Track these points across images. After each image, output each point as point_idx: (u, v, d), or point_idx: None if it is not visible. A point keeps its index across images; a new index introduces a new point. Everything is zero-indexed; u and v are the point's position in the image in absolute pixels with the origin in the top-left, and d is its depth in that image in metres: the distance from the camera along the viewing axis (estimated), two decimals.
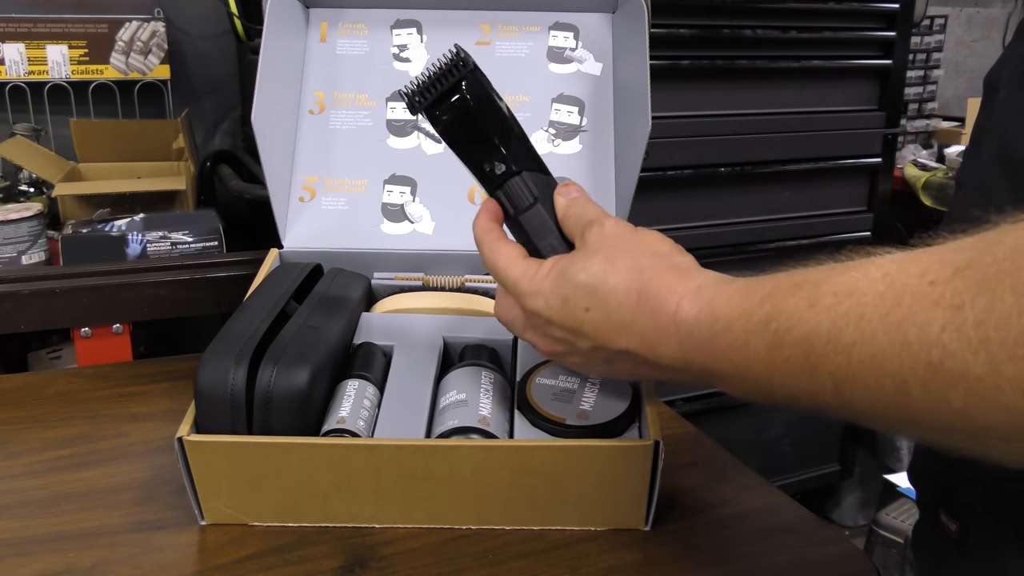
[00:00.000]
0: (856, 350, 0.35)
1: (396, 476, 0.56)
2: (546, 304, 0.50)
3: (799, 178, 1.80)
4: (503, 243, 0.54)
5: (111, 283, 0.99)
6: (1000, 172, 0.48)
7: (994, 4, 2.89)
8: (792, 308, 0.38)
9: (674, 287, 0.45)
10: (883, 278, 0.35)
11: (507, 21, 0.83)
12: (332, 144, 0.81)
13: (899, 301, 0.34)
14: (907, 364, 0.33)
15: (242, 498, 0.57)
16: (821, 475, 2.03)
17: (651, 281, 0.46)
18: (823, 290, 0.37)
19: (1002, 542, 0.48)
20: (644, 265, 0.47)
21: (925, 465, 0.57)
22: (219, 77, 1.79)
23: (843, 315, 0.36)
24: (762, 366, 0.40)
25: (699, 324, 0.43)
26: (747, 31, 1.67)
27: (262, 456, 0.55)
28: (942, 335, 0.32)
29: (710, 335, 0.43)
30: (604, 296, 0.47)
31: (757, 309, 0.40)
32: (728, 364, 0.42)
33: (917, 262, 0.34)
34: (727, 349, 0.42)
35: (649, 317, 0.46)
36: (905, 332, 0.33)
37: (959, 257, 0.33)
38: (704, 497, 0.63)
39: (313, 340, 0.59)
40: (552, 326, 0.50)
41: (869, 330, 0.34)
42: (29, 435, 0.70)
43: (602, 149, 0.80)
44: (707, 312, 0.43)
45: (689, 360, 0.44)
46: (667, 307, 0.45)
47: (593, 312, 0.48)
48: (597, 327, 0.48)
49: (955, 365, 0.31)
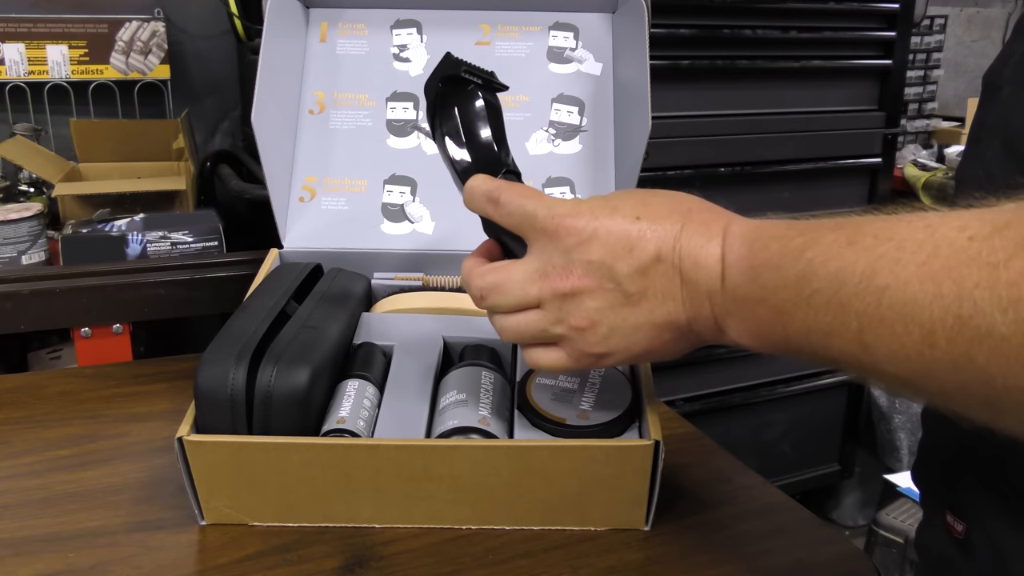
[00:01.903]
0: (888, 293, 0.35)
1: (396, 476, 0.56)
2: (592, 216, 0.47)
3: (799, 178, 1.80)
4: (480, 262, 0.52)
5: (111, 283, 0.99)
6: (1005, 169, 0.48)
7: (994, 4, 2.90)
8: (830, 242, 0.39)
9: (722, 213, 0.46)
10: (924, 228, 0.35)
11: (507, 21, 0.83)
12: (332, 144, 0.81)
13: (936, 252, 0.34)
14: (937, 315, 0.33)
15: (242, 498, 0.57)
16: (821, 475, 2.03)
17: (695, 206, 0.47)
18: (864, 231, 0.38)
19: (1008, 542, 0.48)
20: (681, 196, 0.47)
21: (931, 465, 0.57)
22: (219, 77, 1.79)
23: (880, 257, 0.36)
24: (789, 294, 0.40)
25: (742, 239, 0.44)
26: (747, 31, 1.67)
27: (262, 456, 0.55)
28: (975, 291, 0.32)
29: (749, 252, 0.43)
30: (656, 207, 0.47)
31: (797, 236, 0.41)
32: (757, 287, 0.42)
33: (959, 218, 0.35)
34: (760, 268, 0.42)
35: (699, 225, 0.45)
36: (939, 283, 0.33)
37: (999, 218, 0.33)
38: (704, 497, 0.63)
39: (313, 340, 0.59)
40: (593, 244, 0.46)
41: (904, 276, 0.35)
42: (29, 435, 0.70)
43: (602, 149, 0.80)
44: (751, 229, 0.44)
45: (726, 276, 0.44)
46: (718, 222, 0.45)
47: (644, 221, 0.46)
48: (643, 234, 0.46)
49: (983, 322, 0.32)
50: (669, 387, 1.74)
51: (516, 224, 0.50)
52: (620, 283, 0.46)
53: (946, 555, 0.53)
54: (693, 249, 0.45)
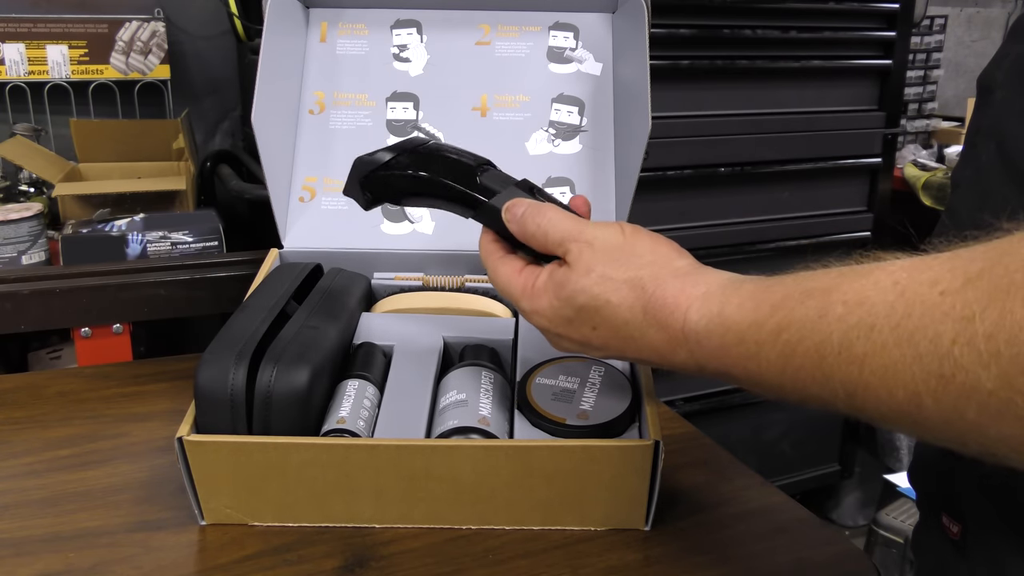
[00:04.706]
0: (868, 361, 0.35)
1: (396, 476, 0.56)
2: (550, 323, 0.50)
3: (799, 178, 1.80)
4: (502, 260, 0.54)
5: (111, 283, 0.99)
6: (1000, 174, 0.48)
7: (994, 4, 2.89)
8: (802, 318, 0.38)
9: (678, 297, 0.45)
10: (893, 287, 0.35)
11: (507, 21, 0.83)
12: (332, 144, 0.81)
13: (910, 312, 0.33)
14: (919, 376, 0.33)
15: (242, 498, 0.57)
16: (821, 475, 2.03)
17: (654, 293, 0.46)
18: (833, 299, 0.37)
19: (1004, 544, 0.48)
20: (644, 277, 0.46)
21: (927, 467, 0.57)
22: (219, 77, 1.79)
23: (854, 326, 0.35)
24: (775, 373, 0.40)
25: (709, 334, 0.43)
26: (747, 31, 1.67)
27: (262, 456, 0.55)
28: (952, 348, 0.32)
29: (721, 344, 0.43)
30: (609, 315, 0.47)
31: (768, 319, 0.40)
32: (741, 371, 0.42)
33: (928, 270, 0.34)
34: (739, 358, 0.42)
35: (658, 329, 0.45)
36: (916, 344, 0.33)
37: (971, 267, 0.32)
38: (704, 497, 0.63)
39: (313, 340, 0.59)
40: (561, 340, 0.51)
41: (880, 341, 0.34)
42: (29, 435, 0.70)
43: (602, 149, 0.80)
44: (717, 322, 0.43)
45: (702, 366, 0.45)
46: (675, 319, 0.45)
47: (601, 330, 0.48)
48: (607, 342, 0.48)
49: (967, 378, 0.31)
50: (669, 387, 1.74)
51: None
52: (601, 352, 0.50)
53: (942, 556, 0.53)
54: (663, 354, 0.46)
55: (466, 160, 0.57)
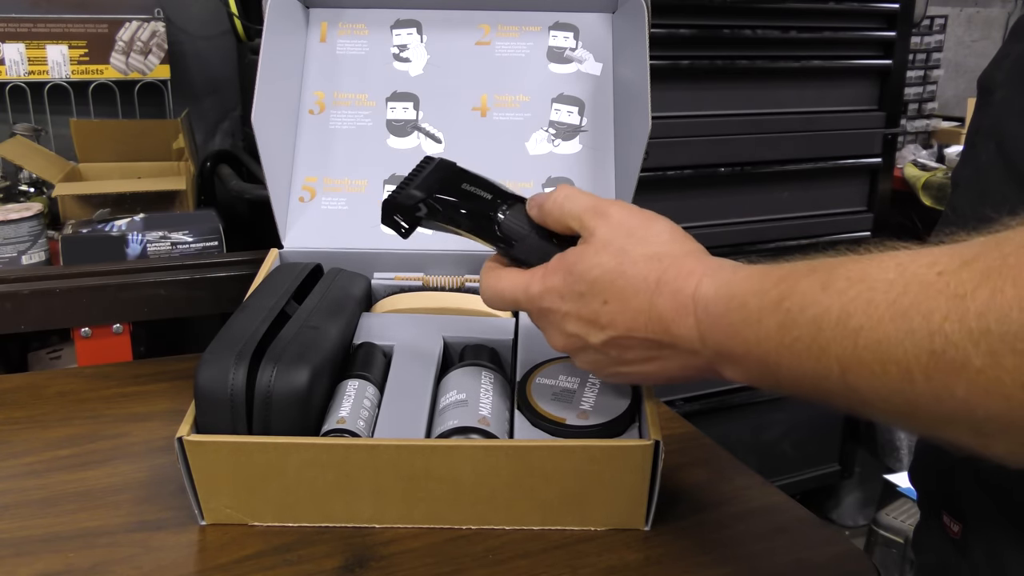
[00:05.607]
0: (863, 335, 0.35)
1: (396, 476, 0.56)
2: (560, 299, 0.50)
3: (799, 178, 1.80)
4: (500, 272, 0.54)
5: (111, 283, 0.99)
6: (1000, 174, 0.48)
7: (994, 4, 2.89)
8: (805, 289, 0.39)
9: (694, 268, 0.47)
10: (895, 267, 0.36)
11: (507, 21, 0.83)
12: (332, 144, 0.81)
13: (906, 289, 0.34)
14: (911, 352, 0.33)
15: (242, 498, 0.57)
16: (821, 475, 2.03)
17: (670, 267, 0.47)
18: (837, 274, 0.38)
19: (1004, 543, 0.48)
20: (662, 253, 0.48)
21: (928, 466, 0.57)
22: (219, 77, 1.79)
23: (853, 299, 0.36)
24: (772, 344, 0.40)
25: (716, 300, 0.44)
26: (747, 31, 1.67)
27: (262, 456, 0.55)
28: (944, 324, 0.32)
29: (725, 310, 0.43)
30: (622, 288, 0.48)
31: (772, 288, 0.41)
32: (740, 342, 0.42)
33: (929, 254, 0.35)
34: (740, 325, 0.42)
35: (669, 297, 0.46)
36: (910, 319, 0.33)
37: (968, 251, 0.34)
38: (704, 497, 0.63)
39: (313, 340, 0.59)
40: (568, 319, 0.50)
41: (876, 316, 0.35)
42: (29, 435, 0.70)
43: (602, 149, 0.80)
44: (725, 289, 0.44)
45: (704, 337, 0.45)
46: (687, 286, 0.46)
47: (611, 304, 0.48)
48: (614, 318, 0.48)
49: (957, 355, 0.32)
50: (669, 387, 1.74)
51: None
52: (599, 351, 0.50)
53: (943, 556, 0.53)
54: (668, 323, 0.46)
55: (494, 199, 0.57)
